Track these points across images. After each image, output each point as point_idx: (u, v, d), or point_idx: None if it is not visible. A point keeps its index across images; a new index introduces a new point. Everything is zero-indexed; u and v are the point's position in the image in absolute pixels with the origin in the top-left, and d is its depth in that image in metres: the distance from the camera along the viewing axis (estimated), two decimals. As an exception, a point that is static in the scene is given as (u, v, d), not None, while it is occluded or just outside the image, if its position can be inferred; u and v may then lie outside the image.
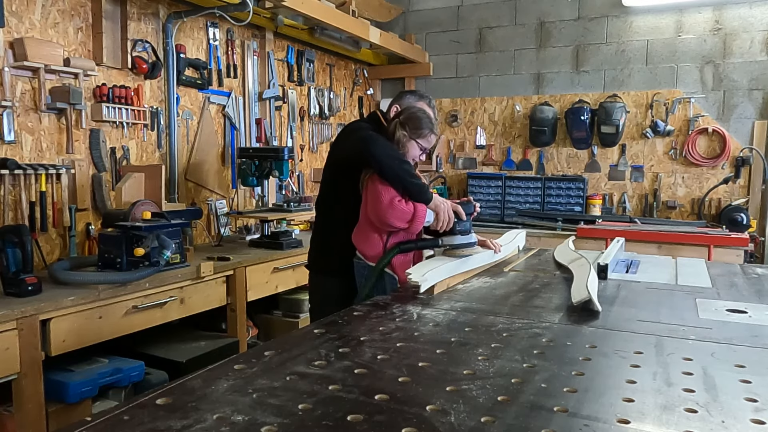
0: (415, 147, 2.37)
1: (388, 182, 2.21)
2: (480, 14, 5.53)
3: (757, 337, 1.52)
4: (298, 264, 3.73)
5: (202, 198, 3.97)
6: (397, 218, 2.22)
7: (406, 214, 2.22)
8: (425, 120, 2.37)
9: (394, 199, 2.22)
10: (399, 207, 2.22)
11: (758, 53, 4.60)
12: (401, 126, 2.36)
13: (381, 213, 2.23)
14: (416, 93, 2.68)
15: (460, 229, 2.26)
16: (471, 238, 2.28)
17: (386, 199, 2.22)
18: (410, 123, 2.35)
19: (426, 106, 2.55)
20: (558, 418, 1.01)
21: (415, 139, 2.35)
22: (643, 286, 2.15)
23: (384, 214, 2.22)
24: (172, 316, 2.92)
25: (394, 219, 2.21)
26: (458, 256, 2.23)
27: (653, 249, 4.06)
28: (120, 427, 0.95)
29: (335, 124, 5.41)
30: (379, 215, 2.24)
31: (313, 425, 0.96)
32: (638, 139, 5.02)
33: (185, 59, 3.73)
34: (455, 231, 2.26)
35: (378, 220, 2.26)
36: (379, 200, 2.24)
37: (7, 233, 2.44)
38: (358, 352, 1.34)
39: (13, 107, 2.81)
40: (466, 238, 2.27)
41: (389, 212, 2.21)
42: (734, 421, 1.01)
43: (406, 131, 2.34)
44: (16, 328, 2.22)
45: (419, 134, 2.35)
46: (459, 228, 2.26)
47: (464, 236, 2.26)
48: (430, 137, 2.38)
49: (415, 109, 2.43)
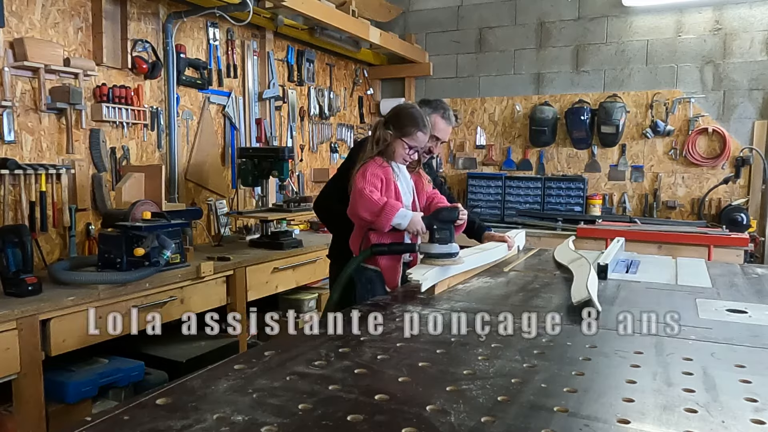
0: (402, 145, 2.31)
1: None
2: (480, 14, 5.53)
3: (757, 337, 1.52)
4: (298, 264, 3.73)
5: (202, 198, 3.97)
6: (364, 208, 2.16)
7: (375, 204, 2.15)
8: (411, 118, 2.32)
9: (366, 188, 2.18)
10: (367, 197, 2.16)
11: (758, 53, 4.60)
12: (384, 125, 2.33)
13: (353, 201, 2.21)
14: (431, 103, 2.71)
15: (438, 237, 2.09)
16: (451, 248, 2.08)
17: (359, 187, 2.19)
18: (395, 121, 2.32)
19: (440, 118, 2.61)
20: (558, 418, 1.01)
21: (401, 137, 2.30)
22: (643, 286, 2.15)
23: (354, 203, 2.20)
24: (172, 316, 2.92)
25: (361, 208, 2.17)
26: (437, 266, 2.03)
27: (653, 249, 4.06)
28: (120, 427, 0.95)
29: (335, 124, 5.41)
30: (351, 204, 2.22)
31: (313, 425, 0.96)
32: (638, 139, 5.02)
33: (185, 59, 3.73)
34: (434, 239, 2.10)
35: (350, 210, 2.24)
36: (354, 188, 2.22)
37: (7, 233, 2.44)
38: (358, 352, 1.34)
39: (13, 107, 2.81)
40: (443, 248, 2.07)
41: (358, 201, 2.18)
42: (734, 421, 1.01)
43: (391, 129, 2.31)
44: (16, 328, 2.22)
45: (404, 132, 2.29)
46: (438, 236, 2.09)
47: (443, 245, 2.07)
48: (416, 135, 2.31)
49: (402, 107, 2.41)
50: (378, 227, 2.20)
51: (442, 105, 2.75)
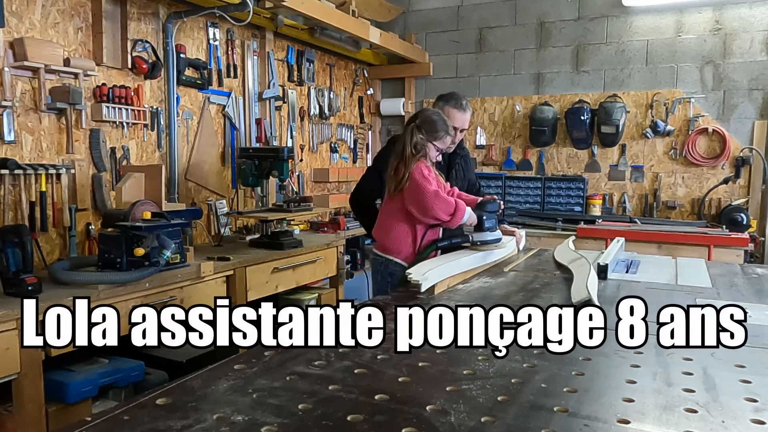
0: (432, 149, 2.51)
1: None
2: (480, 14, 5.53)
3: (757, 337, 1.52)
4: (298, 264, 3.73)
5: (202, 198, 3.97)
6: (442, 209, 2.36)
7: (450, 206, 2.36)
8: (440, 123, 2.52)
9: (439, 190, 2.39)
10: (444, 198, 2.38)
11: (758, 53, 4.60)
12: (418, 129, 2.51)
13: (427, 203, 2.36)
14: (444, 97, 2.94)
15: (488, 227, 2.40)
16: (498, 234, 2.45)
17: (431, 190, 2.37)
18: (426, 126, 2.51)
19: (453, 108, 2.84)
20: (558, 418, 1.01)
21: (432, 141, 2.50)
22: (643, 286, 2.15)
23: (431, 204, 2.36)
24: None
25: (439, 210, 2.36)
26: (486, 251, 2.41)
27: (653, 249, 4.06)
28: (120, 427, 0.95)
29: (335, 124, 5.41)
30: (424, 206, 2.38)
31: (313, 425, 0.96)
32: (638, 139, 5.01)
33: (185, 59, 3.73)
34: (484, 228, 2.40)
35: (421, 211, 2.40)
36: (423, 192, 2.38)
37: (7, 233, 2.43)
38: (358, 352, 1.34)
39: (13, 107, 2.81)
40: (494, 234, 2.43)
41: (435, 203, 2.36)
42: (734, 421, 1.01)
43: (423, 134, 2.50)
44: (16, 328, 2.22)
45: (435, 136, 2.50)
46: (487, 225, 2.40)
47: (492, 233, 2.43)
48: (445, 139, 2.53)
49: (429, 113, 2.59)
50: (450, 226, 2.44)
51: (454, 96, 2.93)
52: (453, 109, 2.86)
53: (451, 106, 2.86)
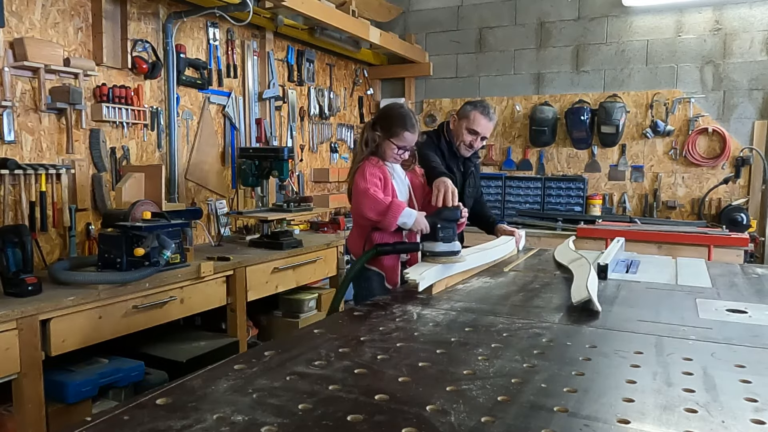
0: (390, 146, 2.36)
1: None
2: (480, 14, 5.53)
3: (757, 337, 1.52)
4: (298, 264, 3.73)
5: (202, 198, 3.97)
6: (370, 208, 2.20)
7: (380, 204, 2.18)
8: (398, 118, 2.35)
9: (369, 188, 2.21)
10: (373, 196, 2.19)
11: (758, 53, 4.60)
12: (372, 127, 2.37)
13: (357, 200, 2.25)
14: (472, 101, 2.91)
15: (442, 236, 2.10)
16: (454, 246, 2.10)
17: (361, 187, 2.22)
18: (382, 122, 2.37)
19: (479, 114, 2.77)
20: (558, 418, 1.01)
21: (388, 138, 2.34)
22: (643, 286, 2.15)
23: (359, 201, 2.23)
24: (172, 316, 2.92)
25: (367, 208, 2.21)
26: (440, 263, 2.04)
27: (653, 249, 4.06)
28: (120, 427, 0.95)
29: (335, 124, 5.41)
30: (355, 203, 2.27)
31: (313, 425, 0.96)
32: (638, 139, 5.02)
33: (185, 59, 3.73)
34: (437, 238, 2.11)
35: (354, 210, 2.29)
36: (355, 189, 2.26)
37: (7, 233, 2.44)
38: (358, 352, 1.34)
39: (13, 107, 2.81)
40: (448, 246, 2.09)
41: (363, 200, 2.22)
42: (734, 421, 1.01)
43: (378, 131, 2.35)
44: (16, 328, 2.22)
45: (391, 133, 2.34)
46: (441, 235, 2.10)
47: (447, 244, 2.09)
48: (403, 135, 2.35)
49: (389, 108, 2.45)
50: (384, 226, 2.23)
51: (483, 103, 2.90)
52: (480, 114, 2.82)
53: (479, 112, 2.82)
